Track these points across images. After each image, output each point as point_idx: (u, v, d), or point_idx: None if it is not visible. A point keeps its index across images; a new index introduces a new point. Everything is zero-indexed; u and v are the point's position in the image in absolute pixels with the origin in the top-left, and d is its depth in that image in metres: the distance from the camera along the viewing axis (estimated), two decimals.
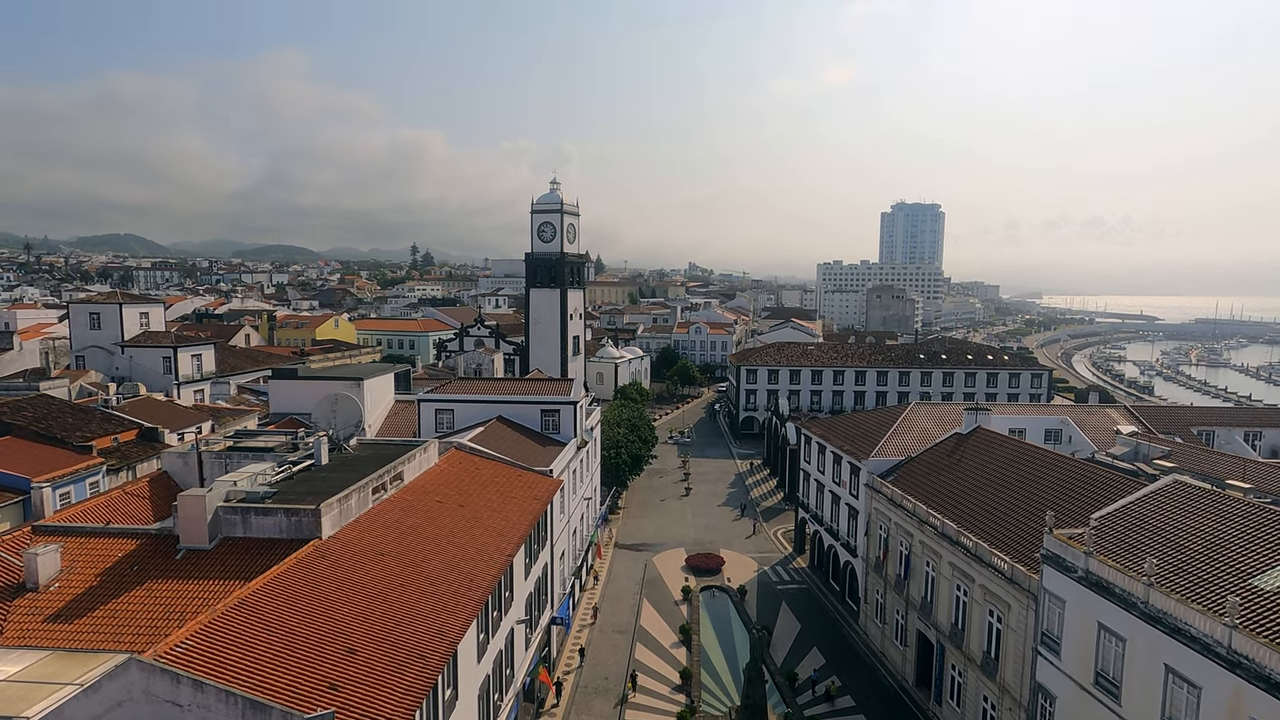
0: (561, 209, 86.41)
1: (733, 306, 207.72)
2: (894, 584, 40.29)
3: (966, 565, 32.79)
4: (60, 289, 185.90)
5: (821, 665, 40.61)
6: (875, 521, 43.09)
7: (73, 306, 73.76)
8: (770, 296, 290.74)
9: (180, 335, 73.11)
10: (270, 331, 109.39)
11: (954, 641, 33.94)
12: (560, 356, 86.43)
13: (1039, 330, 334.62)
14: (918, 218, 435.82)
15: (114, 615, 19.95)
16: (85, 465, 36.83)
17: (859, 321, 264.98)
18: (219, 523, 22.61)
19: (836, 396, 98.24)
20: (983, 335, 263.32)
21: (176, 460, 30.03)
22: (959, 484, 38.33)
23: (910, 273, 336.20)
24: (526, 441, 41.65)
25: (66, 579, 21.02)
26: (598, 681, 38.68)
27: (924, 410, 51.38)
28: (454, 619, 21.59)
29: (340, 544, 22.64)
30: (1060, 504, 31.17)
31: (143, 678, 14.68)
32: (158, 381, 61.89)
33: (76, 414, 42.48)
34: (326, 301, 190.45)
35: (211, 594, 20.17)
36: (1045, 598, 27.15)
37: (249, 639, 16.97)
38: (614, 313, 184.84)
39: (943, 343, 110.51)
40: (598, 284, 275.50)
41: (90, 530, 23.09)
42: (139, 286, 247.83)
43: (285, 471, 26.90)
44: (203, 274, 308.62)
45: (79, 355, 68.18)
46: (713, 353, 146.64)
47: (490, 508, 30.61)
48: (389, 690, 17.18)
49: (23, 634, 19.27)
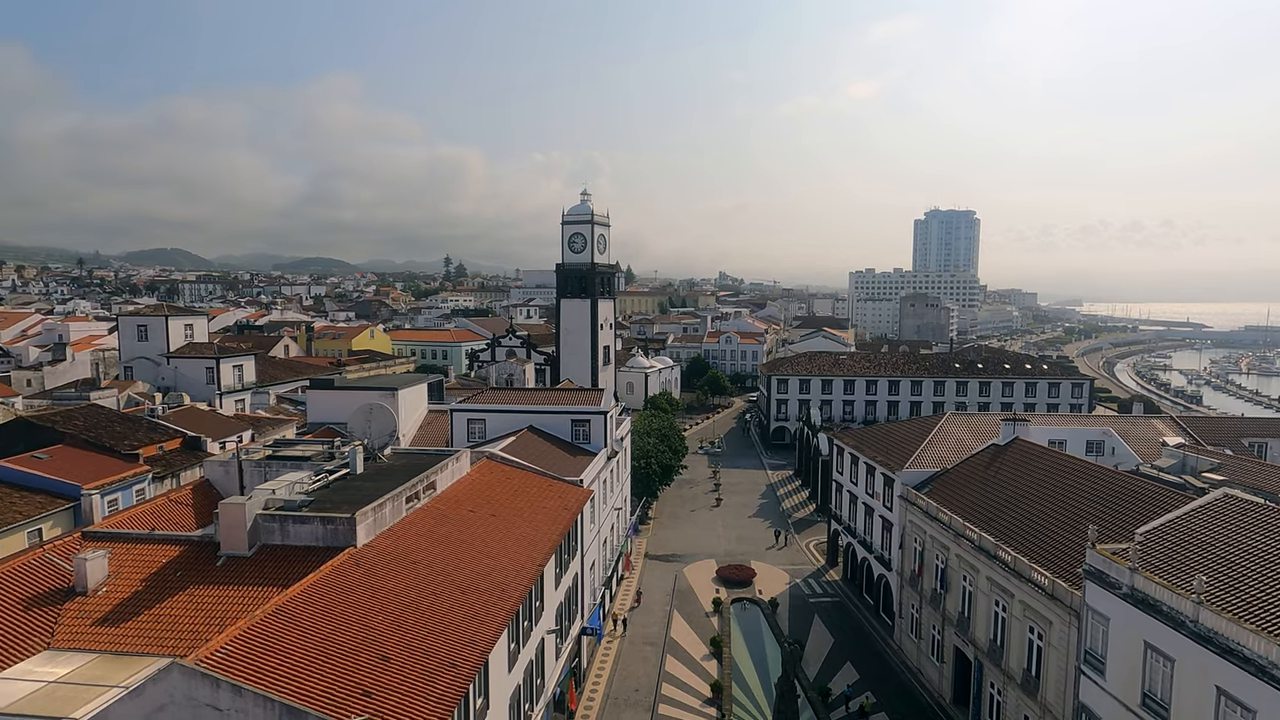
0: (592, 220, 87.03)
1: (763, 316, 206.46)
2: (930, 599, 39.48)
3: (1005, 580, 32.00)
4: (110, 302, 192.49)
5: (855, 681, 39.94)
6: (910, 534, 42.34)
7: (121, 319, 76.46)
8: (801, 305, 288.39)
9: (222, 346, 75.16)
10: (308, 342, 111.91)
11: (993, 659, 33.11)
12: (591, 366, 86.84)
13: (1079, 338, 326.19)
14: (952, 224, 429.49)
15: (158, 620, 20.51)
16: (132, 473, 38.06)
17: (892, 330, 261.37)
18: (258, 530, 23.14)
19: (869, 407, 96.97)
20: (1020, 344, 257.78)
21: (218, 469, 30.84)
22: (997, 496, 37.49)
23: (945, 280, 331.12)
24: (557, 451, 41.88)
25: (114, 584, 21.69)
26: (627, 693, 38.55)
27: (959, 421, 50.44)
28: (485, 628, 21.73)
29: (374, 552, 22.99)
30: (1103, 518, 30.28)
31: (184, 682, 15.06)
32: (201, 391, 63.66)
33: (125, 423, 43.91)
34: (362, 313, 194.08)
35: (251, 600, 20.62)
36: (1088, 615, 26.35)
37: (286, 645, 17.31)
38: (644, 322, 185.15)
39: (979, 352, 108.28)
40: (628, 294, 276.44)
41: (136, 536, 23.82)
42: (184, 299, 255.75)
43: (322, 480, 27.45)
44: (244, 287, 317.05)
45: (127, 366, 70.58)
46: (743, 362, 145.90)
47: (521, 517, 30.81)
48: (422, 698, 17.34)
49: (72, 636, 19.92)
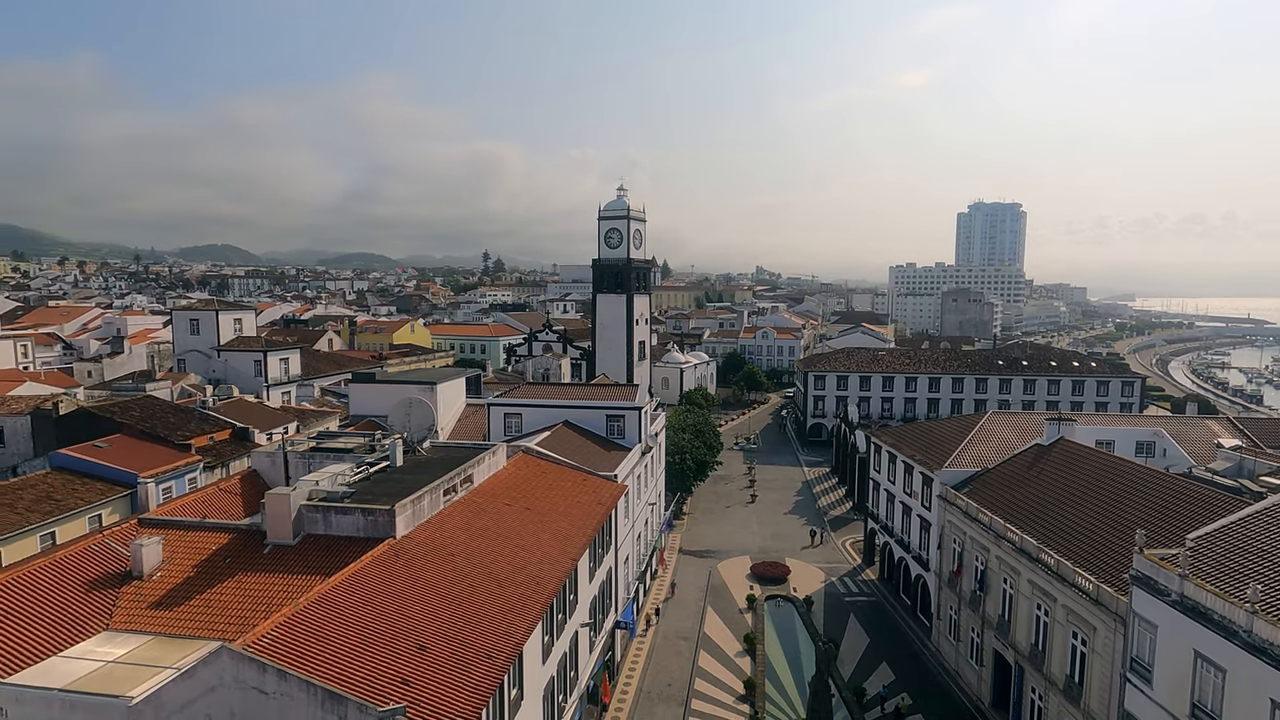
0: (628, 215, 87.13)
1: (801, 311, 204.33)
2: (969, 600, 38.77)
3: (1048, 584, 31.24)
4: (165, 296, 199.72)
5: (891, 681, 39.47)
6: (949, 534, 41.59)
7: (175, 313, 79.41)
8: (840, 300, 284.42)
9: (269, 340, 77.44)
10: (351, 336, 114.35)
11: (1034, 663, 32.39)
12: (626, 361, 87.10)
13: (1131, 335, 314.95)
14: (997, 217, 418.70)
15: (208, 604, 21.33)
16: (185, 462, 39.58)
17: (933, 326, 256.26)
18: (302, 520, 23.85)
19: (908, 404, 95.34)
20: (1068, 340, 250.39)
21: (265, 459, 31.85)
22: (1040, 498, 36.58)
23: (989, 275, 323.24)
24: (592, 446, 42.17)
25: (167, 569, 22.61)
26: (660, 687, 38.75)
27: (1002, 419, 49.29)
28: (520, 620, 22.08)
29: (413, 543, 23.52)
30: (1152, 522, 29.34)
31: (233, 665, 15.67)
32: (249, 384, 65.72)
33: (178, 414, 45.63)
34: (403, 307, 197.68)
35: (295, 588, 21.28)
36: (1135, 621, 25.59)
37: (328, 632, 17.85)
38: (680, 317, 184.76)
39: (1023, 348, 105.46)
40: (664, 289, 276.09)
41: (188, 524, 24.78)
42: (233, 294, 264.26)
43: (363, 472, 28.14)
44: (290, 281, 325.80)
45: (180, 358, 73.22)
46: (780, 358, 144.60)
47: (556, 511, 31.15)
48: (458, 688, 17.72)
49: (129, 619, 20.85)
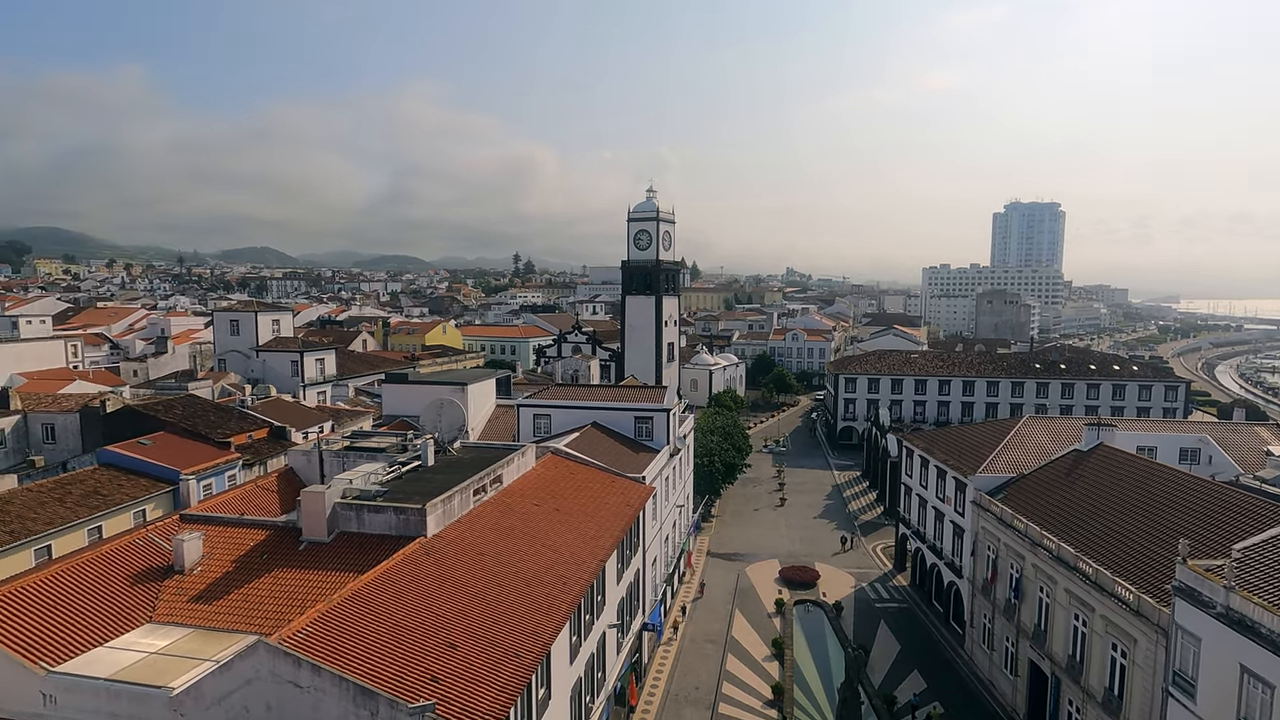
0: (657, 217, 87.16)
1: (831, 312, 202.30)
2: (1003, 608, 37.99)
3: (1086, 593, 30.47)
4: (206, 298, 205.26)
5: (922, 690, 38.84)
6: (983, 541, 40.81)
7: (216, 315, 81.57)
8: (871, 302, 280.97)
9: (306, 341, 79.13)
10: (385, 337, 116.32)
11: (1071, 675, 31.61)
12: (655, 363, 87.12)
13: (1175, 337, 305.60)
14: (1034, 217, 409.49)
15: (246, 599, 21.90)
16: (225, 460, 40.67)
17: (968, 328, 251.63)
18: (336, 518, 24.35)
19: (941, 407, 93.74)
20: (1109, 343, 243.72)
21: (301, 458, 32.56)
22: (1077, 505, 35.70)
23: (1025, 276, 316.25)
24: (620, 448, 42.28)
25: (207, 564, 23.27)
26: (688, 690, 38.67)
27: (1038, 424, 48.21)
28: (548, 620, 22.24)
29: (443, 542, 23.84)
30: (1196, 531, 28.44)
31: (269, 659, 16.06)
32: (286, 383, 67.21)
33: (218, 412, 46.90)
34: (435, 308, 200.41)
35: (329, 584, 21.73)
36: (1177, 634, 24.83)
37: (360, 629, 18.19)
38: (709, 319, 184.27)
39: (1061, 351, 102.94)
40: (693, 290, 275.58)
41: (228, 520, 25.46)
42: (272, 295, 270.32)
43: (395, 471, 28.61)
44: (326, 283, 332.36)
45: (221, 358, 75.23)
46: (810, 360, 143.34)
47: (584, 512, 31.30)
48: (486, 686, 17.91)
49: (171, 611, 21.50)
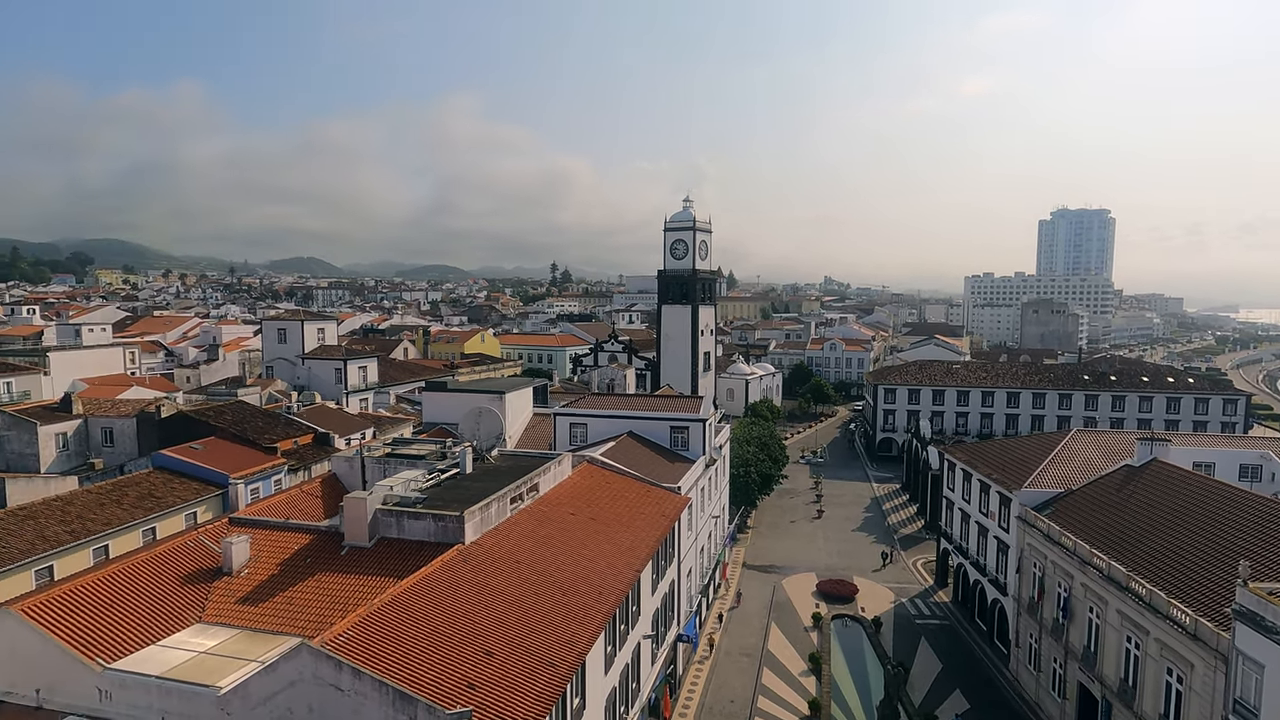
0: (694, 226, 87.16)
1: (870, 322, 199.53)
2: (1050, 628, 36.82)
3: (1139, 615, 29.37)
4: (255, 307, 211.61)
5: (965, 710, 37.81)
6: (1028, 558, 39.65)
7: (265, 323, 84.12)
8: (912, 311, 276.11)
9: (349, 349, 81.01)
10: (425, 345, 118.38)
11: (1123, 699, 30.45)
12: (691, 372, 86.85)
13: (1234, 348, 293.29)
14: (1083, 225, 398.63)
15: (290, 602, 22.46)
16: (272, 465, 41.81)
17: (1012, 338, 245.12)
18: (377, 523, 24.84)
19: (985, 419, 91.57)
20: (1162, 354, 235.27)
21: (343, 464, 33.33)
22: (1129, 522, 34.48)
23: (1073, 285, 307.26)
24: (656, 457, 42.27)
25: (254, 566, 23.93)
26: (723, 704, 38.31)
27: (1087, 438, 46.76)
28: (583, 629, 22.31)
29: (481, 550, 24.13)
30: (1257, 552, 27.24)
31: (312, 661, 16.44)
32: (330, 390, 68.89)
33: (265, 418, 48.28)
34: (474, 317, 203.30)
35: (370, 589, 22.15)
36: (1238, 660, 23.77)
37: (400, 634, 18.51)
38: (745, 328, 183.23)
39: (1111, 362, 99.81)
40: (729, 299, 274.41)
41: (274, 524, 26.17)
42: (317, 304, 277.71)
43: (434, 479, 29.09)
44: (369, 292, 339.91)
45: (268, 365, 77.48)
46: (848, 370, 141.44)
47: (620, 522, 31.34)
48: (522, 694, 18.03)
49: (220, 612, 22.16)
